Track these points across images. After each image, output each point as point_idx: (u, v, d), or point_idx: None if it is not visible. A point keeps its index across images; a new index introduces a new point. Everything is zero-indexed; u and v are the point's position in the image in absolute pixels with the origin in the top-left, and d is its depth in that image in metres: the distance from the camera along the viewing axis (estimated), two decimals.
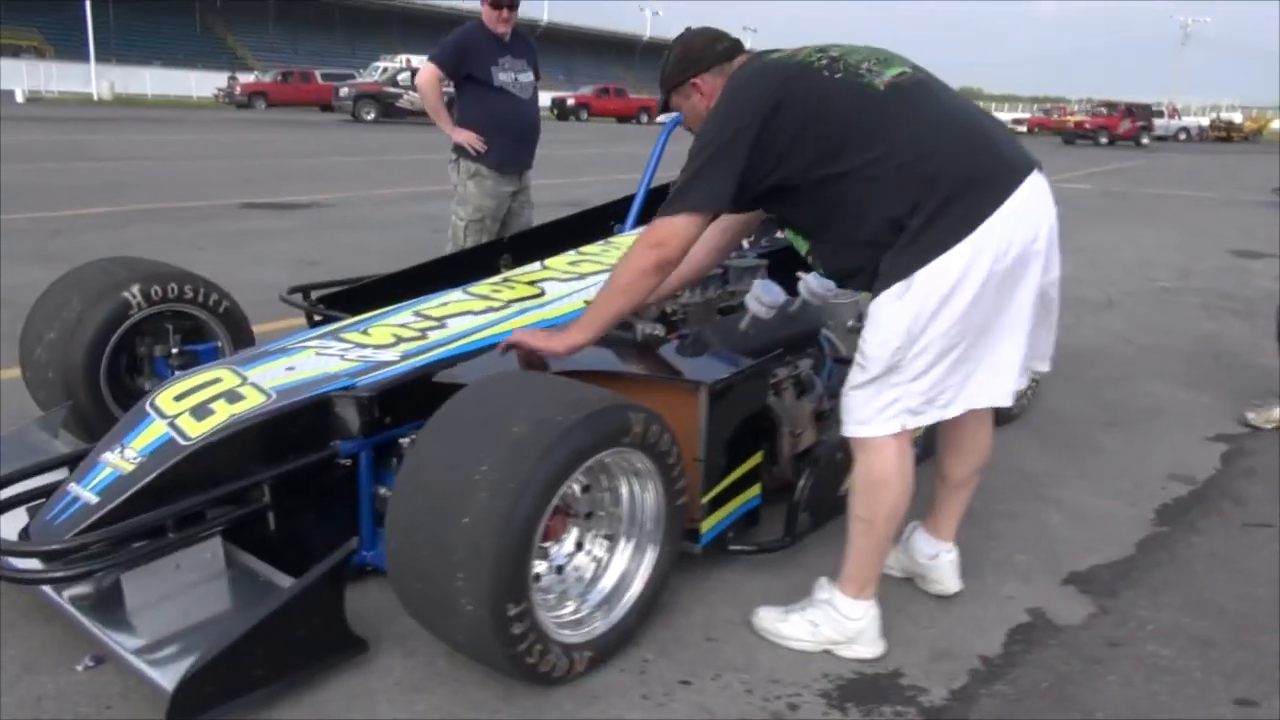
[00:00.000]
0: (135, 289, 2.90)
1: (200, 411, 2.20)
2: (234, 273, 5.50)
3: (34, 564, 1.96)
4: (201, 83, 43.23)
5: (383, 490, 2.35)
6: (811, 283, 2.74)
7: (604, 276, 3.04)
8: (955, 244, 1.92)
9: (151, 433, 2.16)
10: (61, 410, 2.80)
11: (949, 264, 1.92)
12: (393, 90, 28.75)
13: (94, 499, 2.04)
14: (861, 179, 1.98)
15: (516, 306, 2.82)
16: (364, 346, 2.55)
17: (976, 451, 2.39)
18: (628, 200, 4.39)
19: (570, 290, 2.96)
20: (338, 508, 2.34)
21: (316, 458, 2.25)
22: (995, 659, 2.22)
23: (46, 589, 2.01)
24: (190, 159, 14.56)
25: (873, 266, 2.02)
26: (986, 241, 1.93)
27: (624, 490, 2.14)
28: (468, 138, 4.56)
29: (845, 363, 3.22)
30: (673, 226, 2.08)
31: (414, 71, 27.91)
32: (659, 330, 2.61)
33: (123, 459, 2.11)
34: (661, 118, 2.91)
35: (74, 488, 2.08)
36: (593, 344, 2.25)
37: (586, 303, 2.88)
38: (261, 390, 2.27)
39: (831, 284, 2.75)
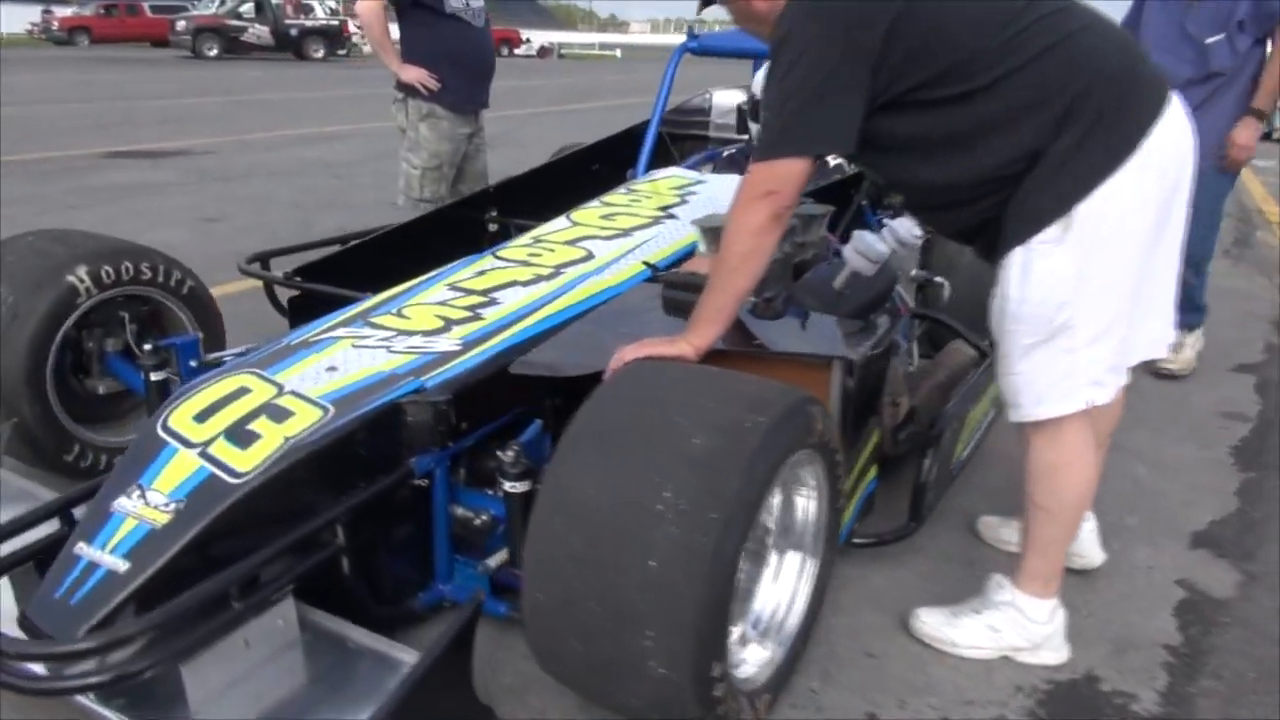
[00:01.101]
0: (82, 271, 2.31)
1: (241, 436, 1.70)
2: (129, 236, 4.75)
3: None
4: (10, 17, 38.96)
5: (460, 510, 1.92)
6: (900, 229, 2.41)
7: (651, 231, 2.66)
8: (1118, 167, 1.63)
9: (180, 468, 1.65)
10: (4, 430, 2.22)
11: (1115, 190, 1.63)
12: (236, 23, 26.50)
13: (121, 565, 1.54)
14: (991, 97, 1.65)
15: (571, 273, 2.38)
16: (410, 333, 2.08)
17: (1118, 405, 2.14)
18: (616, 140, 3.96)
19: (621, 250, 2.53)
20: (402, 535, 1.90)
21: (391, 481, 1.80)
22: (1181, 648, 2.00)
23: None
24: (26, 104, 12.93)
25: (1000, 211, 1.71)
26: (1150, 161, 1.65)
27: (799, 498, 1.78)
28: (417, 75, 3.97)
29: (922, 318, 2.95)
30: (784, 170, 1.68)
31: (258, 2, 25.86)
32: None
33: (149, 507, 1.60)
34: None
35: (86, 550, 1.57)
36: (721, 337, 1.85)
37: (647, 264, 2.49)
38: (311, 402, 1.78)
39: (919, 231, 2.43)
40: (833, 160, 3.25)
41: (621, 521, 1.46)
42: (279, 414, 1.75)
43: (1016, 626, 1.90)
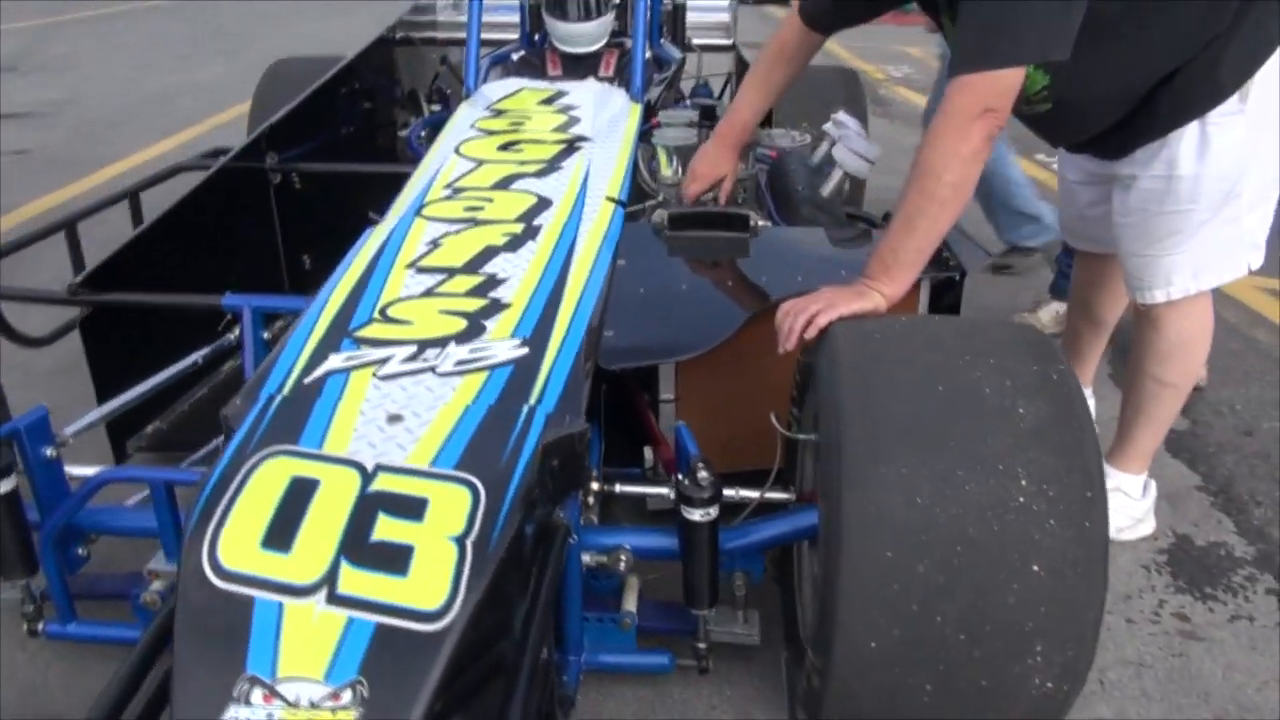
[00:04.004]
0: None
1: (378, 555, 1.11)
2: None
3: None
4: None
5: (587, 557, 1.48)
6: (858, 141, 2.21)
7: (576, 159, 2.21)
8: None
9: (314, 631, 1.04)
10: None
11: None
12: None
13: None
14: None
15: (547, 227, 1.88)
16: (429, 342, 1.51)
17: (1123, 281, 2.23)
18: (368, 54, 3.29)
19: (571, 187, 2.05)
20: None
21: (556, 550, 1.32)
22: (1210, 485, 2.16)
23: None
24: None
25: (1136, 105, 1.67)
26: None
27: None
28: None
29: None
30: (1008, 82, 1.45)
31: None
32: (756, 218, 1.94)
33: (308, 709, 0.99)
34: None
35: None
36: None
37: (612, 199, 2.06)
38: (432, 476, 1.22)
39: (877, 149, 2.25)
40: None
41: (981, 529, 1.18)
42: (403, 507, 1.17)
43: (1122, 508, 1.92)
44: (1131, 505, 1.94)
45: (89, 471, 1.57)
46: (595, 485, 1.60)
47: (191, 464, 1.89)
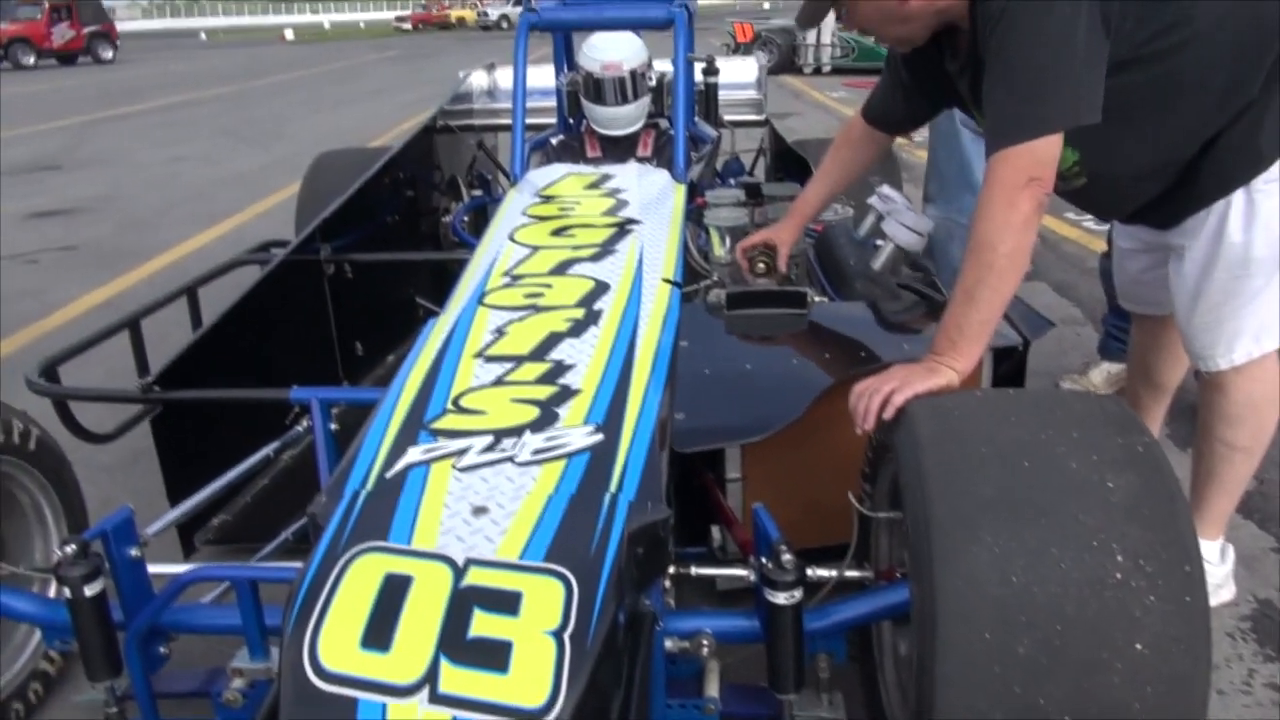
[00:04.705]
0: None
1: (479, 653, 1.11)
2: None
3: None
4: None
5: (669, 643, 1.47)
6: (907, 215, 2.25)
7: (627, 242, 2.25)
8: None
9: None
10: None
11: None
12: None
13: None
14: (1210, 43, 1.58)
15: (608, 311, 1.91)
16: (504, 432, 1.52)
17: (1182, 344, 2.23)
18: (410, 146, 3.38)
19: (627, 271, 2.08)
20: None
21: (650, 633, 1.32)
22: None
23: None
24: None
25: (1180, 176, 1.69)
26: None
27: None
28: None
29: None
30: (1044, 151, 1.48)
31: None
32: (811, 294, 1.97)
33: None
34: None
35: None
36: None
37: (668, 280, 2.09)
38: (524, 570, 1.22)
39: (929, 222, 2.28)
40: None
41: (1080, 608, 1.17)
42: (498, 601, 1.18)
43: None
44: (1211, 571, 1.90)
45: (168, 569, 1.59)
46: (671, 568, 1.60)
47: (262, 558, 1.91)
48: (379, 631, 1.14)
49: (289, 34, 40.56)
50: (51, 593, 1.70)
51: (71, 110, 12.84)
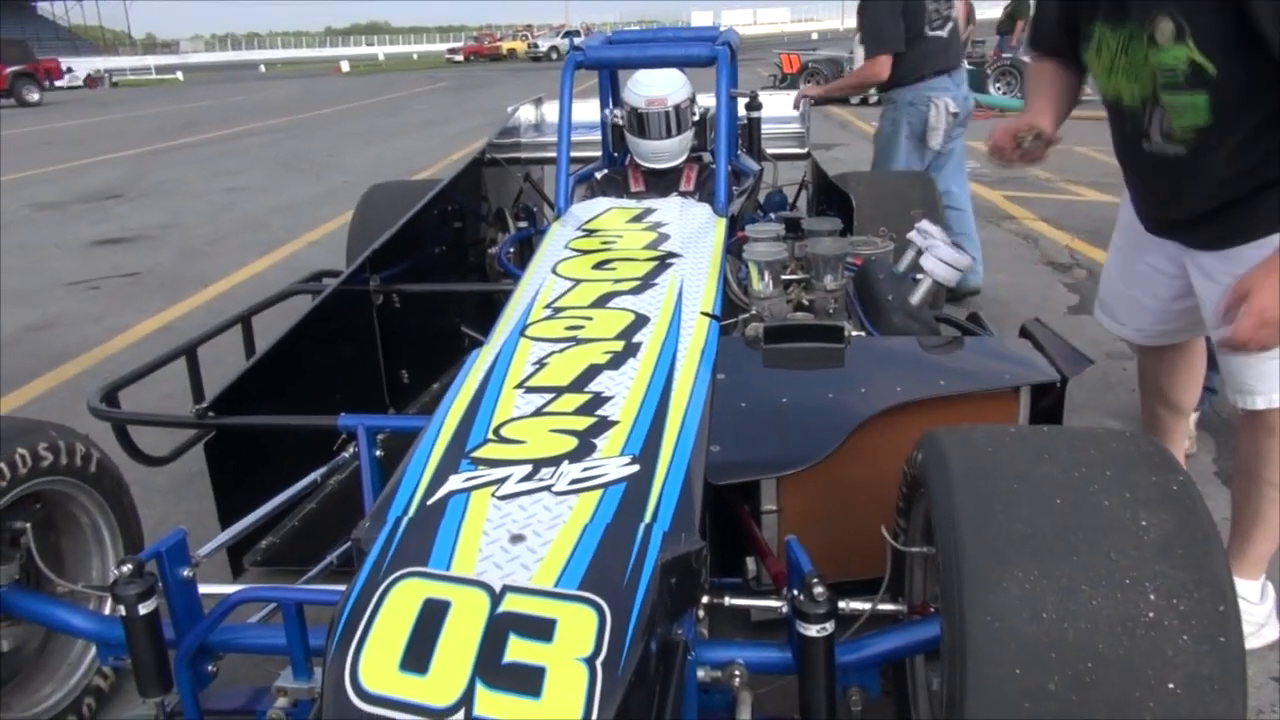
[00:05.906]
0: None
1: (514, 677, 1.14)
2: None
3: None
4: None
5: (701, 672, 1.48)
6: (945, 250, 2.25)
7: (668, 275, 2.29)
8: None
9: None
10: None
11: None
12: None
13: None
14: None
15: (648, 344, 1.95)
16: (542, 461, 1.56)
17: (1197, 363, 2.21)
18: (458, 179, 3.48)
19: (667, 304, 2.12)
20: None
21: (682, 662, 1.35)
22: None
23: None
24: None
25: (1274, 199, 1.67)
26: None
27: None
28: None
29: None
30: None
31: None
32: (848, 328, 1.98)
33: None
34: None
35: None
36: None
37: (706, 314, 2.12)
38: (557, 597, 1.25)
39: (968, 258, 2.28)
40: None
41: (1112, 645, 1.16)
42: (533, 628, 1.21)
43: (1243, 615, 1.85)
44: (1252, 611, 1.88)
45: (218, 590, 1.65)
46: (705, 598, 1.62)
47: (308, 580, 1.96)
48: (418, 655, 1.17)
49: (344, 65, 41.63)
50: (107, 610, 1.76)
51: (131, 142, 13.22)
